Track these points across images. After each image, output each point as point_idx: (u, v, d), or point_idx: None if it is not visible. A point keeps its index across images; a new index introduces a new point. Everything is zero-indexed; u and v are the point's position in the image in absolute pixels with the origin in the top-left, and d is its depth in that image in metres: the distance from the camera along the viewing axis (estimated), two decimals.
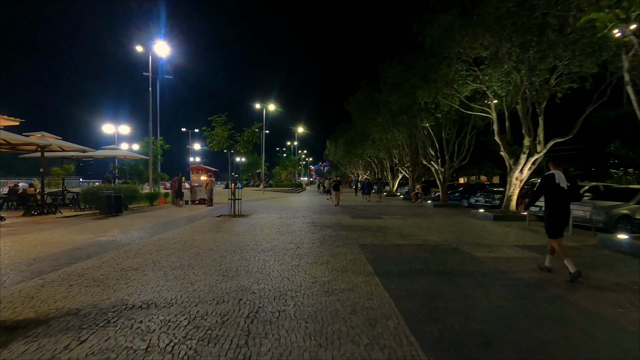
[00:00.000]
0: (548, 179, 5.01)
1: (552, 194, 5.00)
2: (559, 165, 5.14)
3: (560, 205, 5.00)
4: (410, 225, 10.53)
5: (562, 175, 5.00)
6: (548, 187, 5.01)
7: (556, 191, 4.94)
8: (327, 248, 6.94)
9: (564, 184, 4.92)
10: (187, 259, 5.87)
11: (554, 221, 5.04)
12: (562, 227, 5.08)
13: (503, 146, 12.60)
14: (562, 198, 4.97)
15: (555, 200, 4.99)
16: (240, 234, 8.57)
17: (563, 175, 5.00)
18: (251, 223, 10.77)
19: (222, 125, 12.81)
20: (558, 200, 4.98)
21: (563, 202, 5.00)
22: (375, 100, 22.69)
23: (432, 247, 7.13)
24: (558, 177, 4.97)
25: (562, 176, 4.99)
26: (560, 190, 4.92)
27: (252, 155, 60.32)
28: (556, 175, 4.98)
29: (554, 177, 4.97)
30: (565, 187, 4.92)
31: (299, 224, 10.61)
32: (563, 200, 4.98)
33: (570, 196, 5.04)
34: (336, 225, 10.34)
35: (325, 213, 14.28)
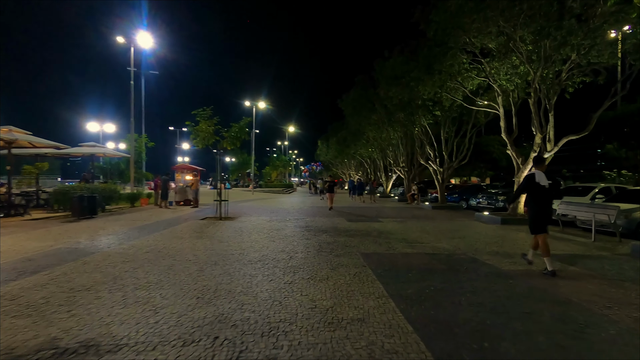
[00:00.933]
0: (529, 179, 5.29)
1: (533, 192, 5.27)
2: (541, 164, 5.42)
3: (541, 203, 5.25)
4: (413, 230, 9.61)
5: (543, 174, 5.23)
6: (529, 186, 5.30)
7: (537, 190, 5.21)
8: (325, 258, 5.96)
9: (544, 183, 5.16)
10: (157, 274, 4.82)
11: (535, 218, 5.31)
12: (544, 223, 5.31)
13: (510, 144, 11.79)
14: (543, 196, 5.22)
15: (537, 198, 5.26)
16: (225, 241, 7.52)
17: (543, 174, 5.23)
18: (238, 227, 9.73)
19: (207, 120, 11.72)
20: (539, 198, 5.24)
21: (544, 199, 5.24)
22: (370, 97, 21.81)
23: (446, 258, 6.20)
24: (538, 176, 5.20)
25: (542, 175, 5.21)
26: (541, 188, 5.18)
27: (241, 155, 59.05)
28: (536, 175, 5.22)
29: (534, 177, 5.23)
30: (545, 185, 5.16)
31: (291, 229, 9.60)
32: (544, 198, 5.23)
33: (551, 194, 5.27)
34: (332, 230, 9.37)
35: (319, 215, 13.29)
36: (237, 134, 12.05)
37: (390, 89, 14.02)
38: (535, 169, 5.40)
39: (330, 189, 16.67)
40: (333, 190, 16.70)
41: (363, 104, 22.77)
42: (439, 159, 18.25)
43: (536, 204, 5.29)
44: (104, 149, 17.80)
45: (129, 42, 18.12)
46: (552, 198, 5.33)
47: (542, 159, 5.58)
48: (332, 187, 16.78)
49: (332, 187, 16.76)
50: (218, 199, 11.95)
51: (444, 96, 12.89)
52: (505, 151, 26.10)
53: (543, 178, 5.20)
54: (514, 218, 11.29)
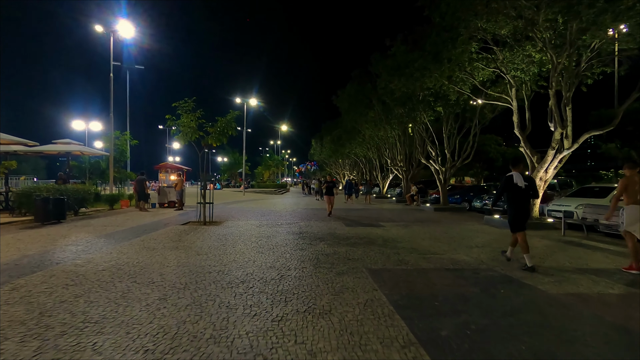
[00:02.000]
0: (507, 180, 5.53)
1: (512, 192, 5.51)
2: (517, 166, 5.59)
3: (519, 203, 5.53)
4: (421, 236, 8.50)
5: (520, 175, 5.47)
6: (508, 187, 5.53)
7: (515, 190, 5.46)
8: (325, 278, 4.79)
9: (521, 183, 5.40)
10: (102, 307, 3.61)
11: (514, 217, 5.56)
12: (523, 221, 5.56)
13: (524, 141, 10.75)
14: (520, 196, 5.49)
15: (515, 198, 5.51)
16: (204, 253, 6.31)
17: (521, 175, 5.47)
18: (222, 234, 8.51)
19: (189, 113, 10.47)
20: (517, 198, 5.50)
21: (522, 199, 5.52)
22: (367, 93, 20.68)
23: (472, 275, 5.08)
24: (516, 177, 5.45)
25: (520, 176, 5.46)
26: (519, 189, 5.43)
27: (233, 154, 57.64)
28: (514, 176, 5.47)
29: (512, 178, 5.48)
30: (522, 186, 5.40)
31: (283, 235, 8.42)
32: (522, 197, 5.50)
33: (528, 194, 5.55)
34: (330, 237, 8.21)
35: (314, 219, 12.12)
36: (223, 129, 10.81)
37: (392, 80, 12.90)
38: (513, 170, 5.59)
39: (330, 191, 13.69)
40: (333, 193, 13.70)
41: (359, 100, 21.64)
42: (441, 158, 17.20)
43: (515, 204, 5.55)
44: (81, 146, 16.41)
45: (108, 31, 16.73)
46: (530, 198, 5.71)
47: (519, 160, 5.77)
48: (332, 188, 13.76)
49: (332, 189, 13.75)
50: (202, 201, 10.71)
51: (451, 88, 11.80)
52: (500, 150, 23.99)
53: (520, 179, 5.44)
54: (529, 222, 10.23)
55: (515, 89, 10.54)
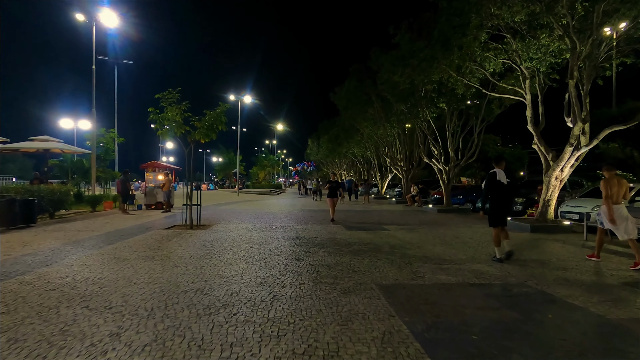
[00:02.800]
0: (491, 177, 5.71)
1: (494, 189, 5.69)
2: (499, 163, 5.82)
3: (501, 199, 5.71)
4: (431, 242, 7.63)
5: (503, 172, 5.67)
6: (492, 184, 5.69)
7: (498, 187, 5.65)
8: (328, 298, 3.89)
9: (504, 180, 5.61)
10: (25, 350, 2.67)
11: (496, 212, 5.71)
12: (503, 217, 5.78)
13: (538, 137, 9.93)
14: (502, 192, 5.67)
15: (497, 195, 5.68)
16: (183, 264, 5.38)
17: (503, 172, 5.67)
18: (209, 240, 7.57)
19: (174, 106, 9.51)
20: (499, 195, 5.67)
21: (504, 195, 5.71)
22: (366, 89, 19.81)
23: (504, 292, 4.20)
24: (499, 175, 5.64)
25: (502, 173, 5.66)
26: (501, 185, 5.63)
27: (228, 154, 56.54)
28: (497, 173, 5.66)
29: (495, 175, 5.66)
30: (505, 182, 5.62)
31: (277, 241, 7.50)
32: (504, 194, 5.69)
33: (510, 191, 5.87)
34: (330, 243, 7.30)
35: (311, 222, 11.21)
36: (212, 124, 9.85)
37: (396, 71, 12.01)
38: (496, 168, 5.77)
39: (332, 193, 11.63)
40: (336, 195, 11.64)
41: (358, 97, 20.76)
42: (444, 157, 16.36)
43: (497, 200, 5.73)
44: (61, 144, 15.34)
45: (90, 20, 15.68)
46: (511, 194, 5.94)
47: (501, 158, 6.01)
48: (335, 189, 11.74)
49: (335, 191, 11.70)
50: (188, 203, 9.76)
51: (459, 81, 10.95)
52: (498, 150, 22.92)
53: (503, 176, 5.64)
54: (544, 225, 9.43)
55: (529, 81, 9.70)
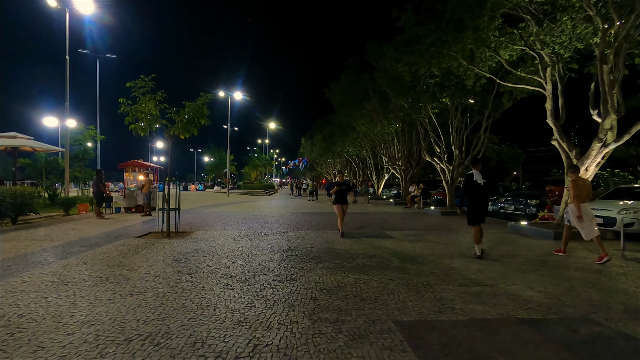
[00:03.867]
0: (469, 178, 6.13)
1: (472, 189, 6.09)
2: (477, 165, 6.27)
3: (478, 198, 6.13)
4: (445, 252, 6.51)
5: (479, 173, 6.08)
6: (469, 185, 6.10)
7: (475, 187, 6.06)
8: (331, 349, 2.73)
9: (480, 181, 6.02)
10: None
11: (473, 211, 6.13)
12: (480, 215, 6.13)
13: (559, 132, 8.89)
14: (479, 192, 6.08)
15: (474, 195, 6.11)
16: (142, 290, 4.18)
17: (480, 174, 6.07)
18: (184, 253, 6.36)
19: (147, 95, 8.27)
20: (476, 195, 6.10)
21: (481, 195, 6.12)
22: (363, 83, 18.68)
23: (572, 334, 3.08)
24: (476, 176, 6.07)
25: (479, 174, 6.07)
26: (478, 186, 6.04)
27: (219, 153, 55.14)
28: (475, 174, 6.09)
29: (473, 176, 6.09)
30: (481, 183, 6.02)
31: (265, 254, 6.32)
32: (481, 194, 6.10)
33: (487, 191, 6.13)
34: (329, 256, 6.15)
35: (305, 227, 10.04)
36: (192, 117, 8.64)
37: (400, 58, 10.88)
38: (473, 169, 6.15)
39: (342, 197, 8.44)
40: (346, 200, 8.57)
41: (354, 92, 19.63)
42: (447, 155, 15.31)
43: (474, 200, 6.09)
44: (31, 141, 13.95)
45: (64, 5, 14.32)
46: (488, 194, 6.21)
47: (478, 160, 6.61)
48: (345, 193, 8.54)
49: (345, 194, 8.53)
50: (165, 207, 8.54)
51: (469, 70, 9.87)
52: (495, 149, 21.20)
53: (480, 177, 6.00)
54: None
55: (550, 69, 8.65)
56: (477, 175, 6.06)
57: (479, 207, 6.11)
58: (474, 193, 6.08)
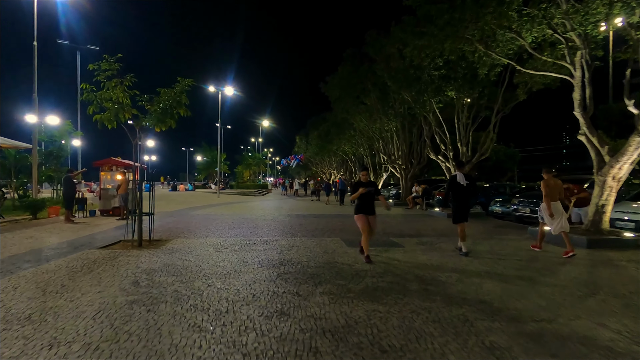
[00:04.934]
0: (453, 180, 6.45)
1: (455, 190, 6.38)
2: (461, 167, 6.73)
3: (461, 199, 6.39)
4: (472, 268, 5.37)
5: (463, 175, 6.39)
6: (453, 186, 6.40)
7: (458, 188, 6.35)
8: None
9: (463, 182, 6.31)
10: None
11: (457, 211, 6.39)
12: (464, 214, 6.39)
13: (588, 125, 7.83)
14: (462, 193, 6.36)
15: (458, 195, 6.38)
16: (70, 339, 2.95)
17: (463, 175, 6.39)
18: (150, 271, 5.13)
19: (114, 80, 7.01)
20: (460, 195, 6.38)
21: (464, 196, 6.39)
22: (362, 76, 17.53)
23: None
24: (459, 177, 6.36)
25: (462, 176, 6.37)
26: (461, 187, 6.32)
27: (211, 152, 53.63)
28: (458, 176, 6.38)
29: (456, 177, 6.39)
30: (464, 184, 6.31)
31: (251, 272, 5.11)
32: (464, 194, 6.38)
33: (469, 191, 6.40)
34: (331, 274, 4.96)
35: (300, 233, 8.84)
36: (168, 107, 7.39)
37: (409, 41, 9.70)
38: (457, 171, 6.54)
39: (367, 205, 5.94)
40: (373, 209, 5.99)
41: (353, 85, 18.44)
42: (453, 153, 14.21)
43: (458, 200, 6.40)
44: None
45: None
46: (470, 194, 6.52)
47: (462, 162, 7.19)
48: (371, 199, 5.97)
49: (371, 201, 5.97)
50: (134, 211, 7.29)
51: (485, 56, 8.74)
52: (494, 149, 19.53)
53: (463, 179, 6.34)
54: (602, 238, 7.31)
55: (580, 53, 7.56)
56: (461, 177, 6.39)
57: (462, 206, 6.38)
58: (457, 194, 6.38)
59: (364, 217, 5.90)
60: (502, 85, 12.47)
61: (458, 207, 6.39)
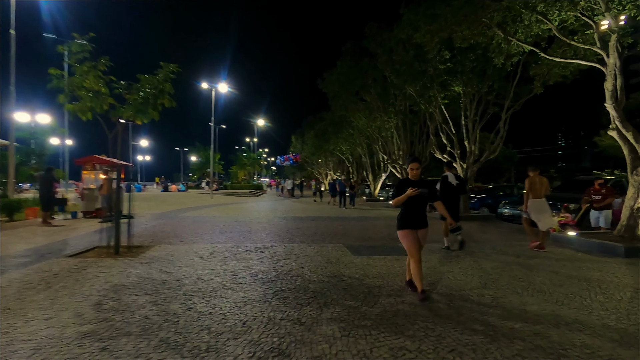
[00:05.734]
0: (444, 179, 6.83)
1: (446, 189, 6.67)
2: (451, 168, 7.26)
3: (451, 198, 6.51)
4: (502, 282, 4.55)
5: (453, 175, 6.87)
6: (443, 185, 6.75)
7: (449, 188, 6.71)
8: None
9: (453, 182, 6.76)
10: None
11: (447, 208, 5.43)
12: (454, 213, 6.43)
13: (622, 119, 7.04)
14: (452, 192, 6.71)
15: (447, 194, 6.46)
16: None
17: (453, 175, 6.87)
18: (120, 288, 4.25)
19: (86, 64, 6.12)
20: (449, 194, 6.55)
21: (454, 195, 6.73)
22: (363, 70, 16.68)
23: None
24: (450, 177, 6.81)
25: (453, 176, 6.85)
26: (451, 186, 6.73)
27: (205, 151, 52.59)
28: (449, 176, 6.83)
29: (447, 177, 6.82)
30: (454, 184, 6.75)
31: (241, 290, 4.25)
32: (454, 193, 6.75)
33: (459, 191, 6.83)
34: (336, 293, 4.12)
35: (299, 239, 7.99)
36: (150, 95, 6.50)
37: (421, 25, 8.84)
38: (447, 172, 6.97)
39: (417, 215, 4.00)
40: (425, 221, 4.03)
41: (352, 81, 17.59)
42: (460, 152, 13.43)
43: (448, 199, 5.92)
44: None
45: None
46: (459, 193, 6.93)
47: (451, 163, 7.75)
48: (424, 204, 4.08)
49: (423, 208, 4.07)
50: (108, 216, 6.42)
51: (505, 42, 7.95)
52: None
53: (453, 179, 6.80)
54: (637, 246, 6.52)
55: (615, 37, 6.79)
56: (451, 177, 6.82)
57: (451, 205, 6.39)
58: (447, 193, 6.56)
59: (413, 233, 3.95)
60: (513, 78, 11.72)
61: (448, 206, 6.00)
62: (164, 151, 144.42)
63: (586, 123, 59.79)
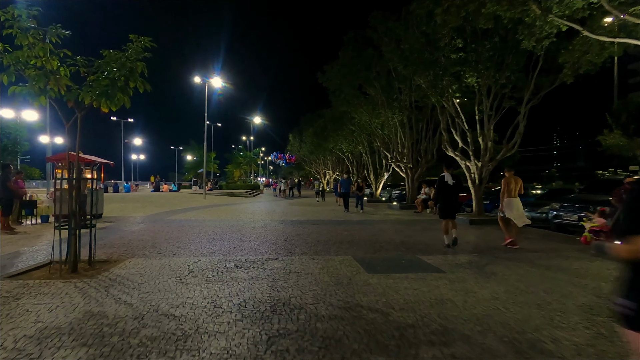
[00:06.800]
0: (441, 179, 6.88)
1: (443, 189, 6.82)
2: (448, 168, 6.96)
3: (448, 197, 6.79)
4: (565, 313, 3.38)
5: (450, 175, 6.81)
6: (441, 185, 6.86)
7: (446, 187, 6.78)
8: None
9: (450, 182, 6.74)
10: None
11: (444, 208, 6.83)
12: (450, 211, 6.77)
13: None
14: (449, 192, 6.77)
15: (445, 194, 6.79)
16: None
17: (450, 175, 6.81)
18: (49, 332, 3.02)
19: (30, 32, 4.89)
20: (447, 193, 6.78)
21: (450, 194, 6.80)
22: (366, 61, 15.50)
23: None
24: (447, 177, 6.78)
25: (449, 176, 6.80)
26: (448, 186, 6.75)
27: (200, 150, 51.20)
28: (446, 176, 6.80)
29: (444, 177, 6.82)
30: (451, 183, 6.75)
31: (224, 334, 3.04)
32: (450, 193, 6.79)
33: (455, 190, 6.85)
34: (357, 334, 2.92)
35: (299, 250, 6.79)
36: (117, 76, 5.26)
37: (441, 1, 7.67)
38: (445, 172, 6.88)
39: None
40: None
41: (355, 73, 16.35)
42: (473, 150, 12.29)
43: (445, 198, 6.79)
44: None
45: None
46: (456, 193, 6.92)
47: (450, 164, 7.11)
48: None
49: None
50: (65, 222, 5.21)
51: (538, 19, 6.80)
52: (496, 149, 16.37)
53: (450, 178, 6.75)
54: None
55: None
56: (448, 177, 6.78)
57: (449, 204, 6.79)
58: (444, 192, 6.78)
59: None
60: (533, 69, 10.62)
61: (445, 205, 6.84)
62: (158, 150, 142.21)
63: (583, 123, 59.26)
